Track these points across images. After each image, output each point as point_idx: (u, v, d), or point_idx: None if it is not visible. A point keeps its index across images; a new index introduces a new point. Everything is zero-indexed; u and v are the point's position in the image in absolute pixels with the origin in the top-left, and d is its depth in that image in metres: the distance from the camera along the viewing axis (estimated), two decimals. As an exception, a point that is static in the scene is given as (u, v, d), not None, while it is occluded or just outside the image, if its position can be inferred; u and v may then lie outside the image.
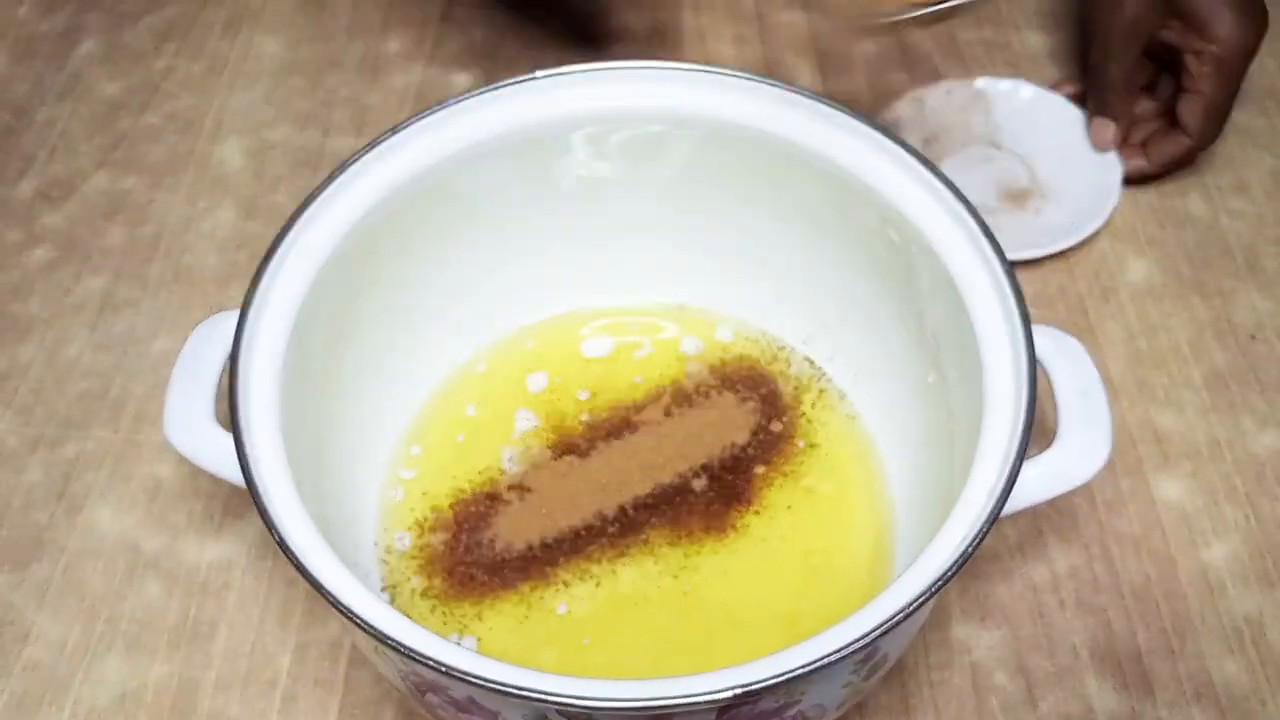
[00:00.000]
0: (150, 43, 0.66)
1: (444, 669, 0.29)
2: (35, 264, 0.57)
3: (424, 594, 0.43)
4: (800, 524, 0.45)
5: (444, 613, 0.43)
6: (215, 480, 0.48)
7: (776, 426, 0.47)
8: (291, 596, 0.46)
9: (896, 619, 0.30)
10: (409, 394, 0.48)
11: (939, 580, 0.31)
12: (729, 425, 0.47)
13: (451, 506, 0.45)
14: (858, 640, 0.29)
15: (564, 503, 0.45)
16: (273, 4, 0.68)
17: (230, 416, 0.35)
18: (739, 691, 0.28)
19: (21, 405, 0.52)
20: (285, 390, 0.37)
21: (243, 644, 0.45)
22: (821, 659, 0.29)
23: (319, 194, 0.40)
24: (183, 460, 0.49)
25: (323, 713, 0.43)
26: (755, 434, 0.47)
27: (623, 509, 0.45)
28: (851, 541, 0.44)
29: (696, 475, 0.46)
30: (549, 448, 0.47)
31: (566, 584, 0.43)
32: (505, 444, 0.47)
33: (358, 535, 0.44)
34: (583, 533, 0.45)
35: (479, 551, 0.44)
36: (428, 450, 0.47)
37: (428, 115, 0.43)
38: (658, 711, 0.29)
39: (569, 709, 0.29)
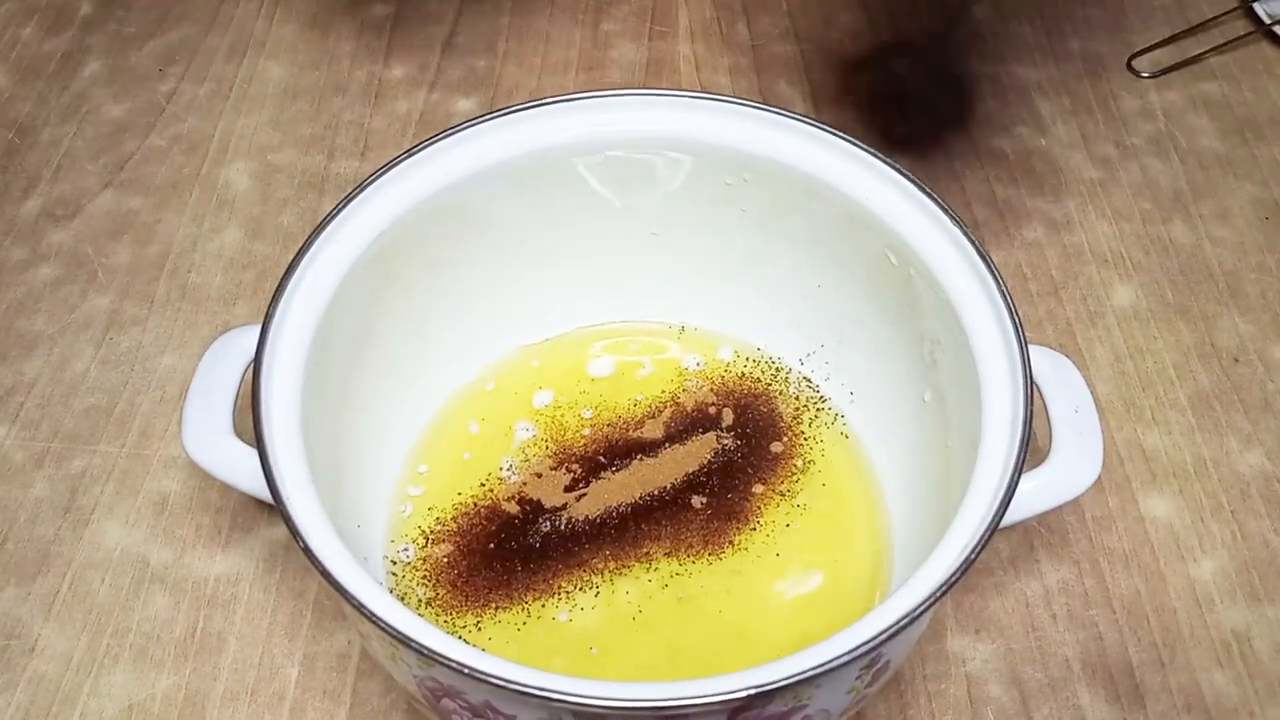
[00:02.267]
0: (155, 66, 0.67)
1: (467, 671, 0.30)
2: (41, 281, 0.57)
3: (429, 604, 0.44)
4: (800, 542, 0.46)
5: (447, 623, 0.43)
6: (223, 495, 0.49)
7: (776, 447, 0.48)
8: (299, 609, 0.46)
9: (904, 622, 0.31)
10: (417, 412, 0.49)
11: (943, 585, 0.32)
12: (728, 445, 0.48)
13: (455, 520, 0.46)
14: (868, 642, 0.30)
15: (565, 516, 0.46)
16: (276, 30, 0.69)
17: (255, 430, 0.36)
18: (754, 692, 0.29)
19: (27, 420, 0.52)
20: (304, 405, 0.38)
21: (250, 656, 0.45)
22: (834, 660, 0.30)
23: (336, 214, 0.41)
24: (190, 475, 0.50)
25: (330, 724, 0.43)
26: (754, 453, 0.48)
27: (624, 524, 0.46)
28: (851, 558, 0.45)
29: (696, 493, 0.47)
30: (551, 463, 0.48)
31: (568, 595, 0.44)
32: (505, 455, 0.48)
33: (368, 549, 0.44)
34: (585, 547, 0.45)
35: (481, 563, 0.45)
36: (434, 468, 0.48)
37: (440, 139, 0.44)
38: (674, 711, 0.30)
39: (587, 709, 0.30)
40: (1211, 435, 0.52)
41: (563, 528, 0.46)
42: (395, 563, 0.45)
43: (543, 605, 0.44)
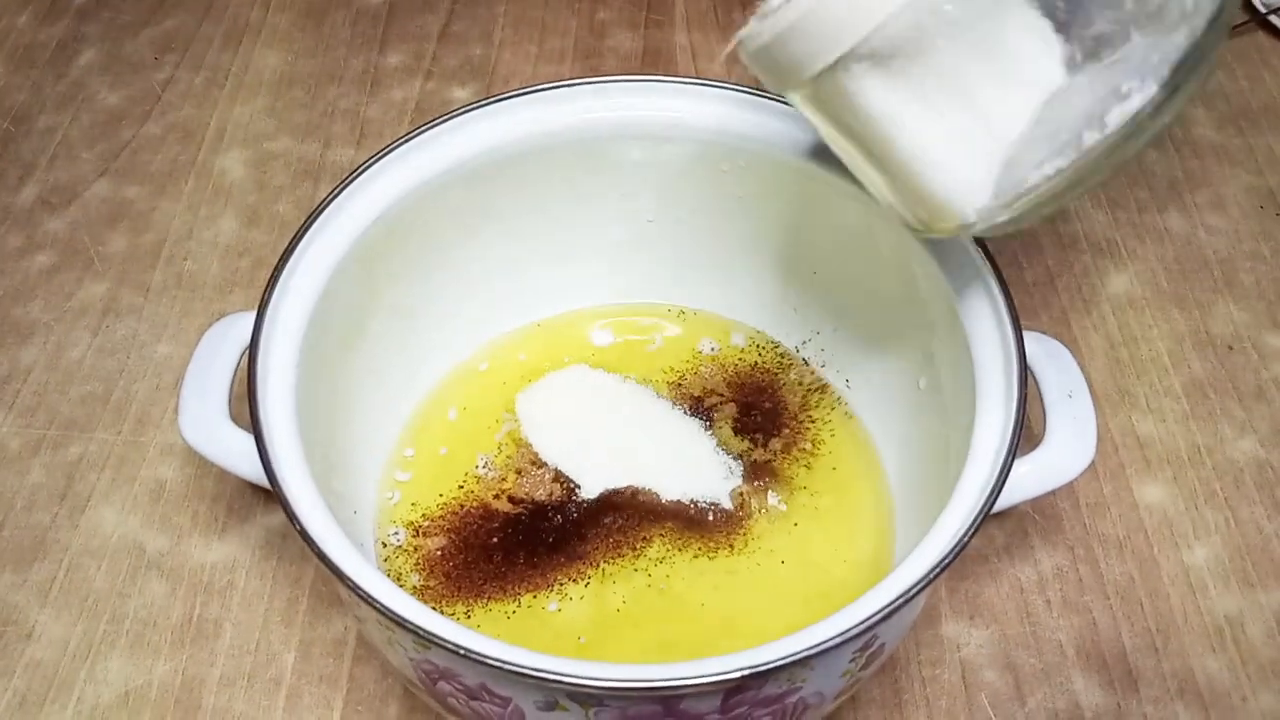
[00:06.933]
0: (150, 54, 0.67)
1: (463, 652, 0.30)
2: (37, 269, 0.57)
3: (419, 591, 0.44)
4: (802, 535, 0.45)
5: (435, 611, 0.43)
6: (219, 482, 0.50)
7: (780, 436, 0.48)
8: (295, 596, 0.46)
9: (896, 604, 0.31)
10: (408, 396, 0.49)
11: (936, 568, 0.32)
12: (732, 431, 0.48)
13: (443, 516, 0.46)
14: (860, 624, 0.30)
15: (569, 510, 0.46)
16: (272, 18, 0.69)
17: (251, 415, 0.36)
18: (748, 673, 0.30)
19: (24, 407, 0.52)
20: (299, 391, 0.38)
21: (247, 642, 0.45)
22: (826, 641, 0.30)
23: (331, 200, 0.41)
24: (186, 462, 0.50)
25: (327, 709, 0.43)
26: (757, 442, 0.48)
27: (625, 517, 0.46)
28: (852, 552, 0.45)
29: (699, 485, 0.47)
30: (530, 457, 0.48)
31: (561, 587, 0.44)
32: (481, 451, 0.48)
33: (360, 534, 0.44)
34: (588, 541, 0.45)
35: (480, 557, 0.45)
36: (419, 453, 0.48)
37: (434, 126, 0.44)
38: (670, 692, 0.30)
39: (582, 690, 0.30)
40: (1205, 422, 0.52)
41: (568, 521, 0.45)
42: (385, 545, 0.45)
43: (534, 596, 0.44)
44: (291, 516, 0.33)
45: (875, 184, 0.37)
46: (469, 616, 0.43)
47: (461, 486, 0.47)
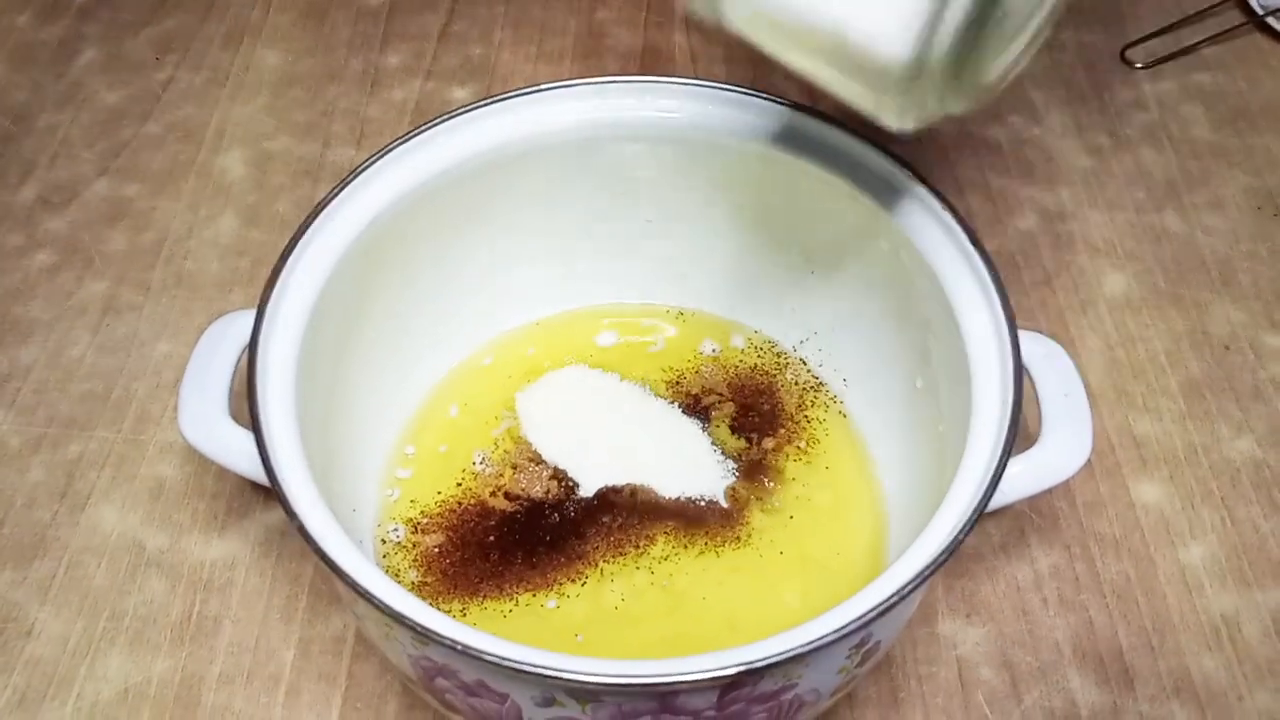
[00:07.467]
0: (151, 54, 0.68)
1: (460, 648, 0.30)
2: (37, 268, 0.57)
3: (416, 588, 0.44)
4: (798, 532, 0.46)
5: (434, 608, 0.43)
6: (218, 480, 0.50)
7: (775, 435, 0.48)
8: (295, 593, 0.46)
9: (892, 601, 0.31)
10: (408, 395, 0.49)
11: (931, 566, 0.32)
12: (729, 430, 0.48)
13: (441, 514, 0.46)
14: (856, 620, 0.31)
15: (567, 509, 0.46)
16: (273, 17, 0.69)
17: (250, 413, 0.36)
18: (743, 669, 0.30)
19: (24, 405, 0.52)
20: (299, 388, 0.38)
21: (246, 639, 0.45)
22: (821, 638, 0.30)
23: (331, 200, 0.42)
24: (186, 460, 0.50)
25: (326, 706, 0.44)
26: (753, 441, 0.48)
27: (625, 517, 0.46)
28: (848, 548, 0.45)
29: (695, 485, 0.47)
30: (529, 454, 0.48)
31: (559, 586, 0.44)
32: (478, 448, 0.48)
33: (359, 531, 0.45)
34: (586, 541, 0.45)
35: (477, 554, 0.45)
36: (419, 451, 0.48)
37: (434, 125, 0.44)
38: (666, 688, 0.30)
39: (579, 686, 0.30)
40: (1202, 422, 0.52)
41: (566, 520, 0.46)
42: (385, 542, 0.45)
43: (532, 595, 0.44)
44: (290, 514, 0.33)
45: (834, 81, 0.35)
46: (464, 614, 0.43)
47: (460, 484, 0.47)
